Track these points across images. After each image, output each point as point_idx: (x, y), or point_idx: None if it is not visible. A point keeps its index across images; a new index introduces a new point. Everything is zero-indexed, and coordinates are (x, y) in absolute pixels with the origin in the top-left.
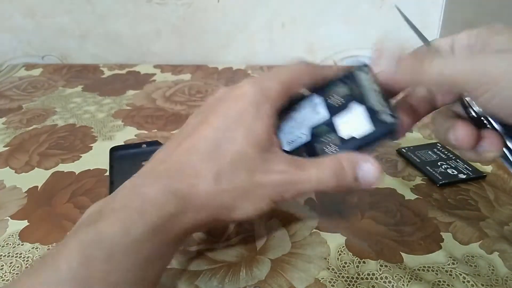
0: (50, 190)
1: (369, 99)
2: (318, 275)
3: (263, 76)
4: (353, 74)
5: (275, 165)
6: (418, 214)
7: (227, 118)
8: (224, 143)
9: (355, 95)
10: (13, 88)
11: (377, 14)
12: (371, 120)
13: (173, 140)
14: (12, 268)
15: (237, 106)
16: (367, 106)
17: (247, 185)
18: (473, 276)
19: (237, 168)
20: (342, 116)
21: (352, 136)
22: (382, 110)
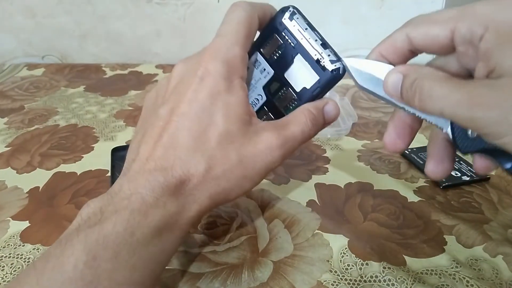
0: (52, 191)
1: (305, 48)
2: (320, 277)
3: (219, 42)
4: (281, 21)
5: (260, 135)
6: (421, 216)
7: (200, 101)
8: (205, 129)
9: (292, 43)
10: (15, 88)
11: (377, 14)
12: (314, 69)
13: (147, 135)
14: (13, 269)
15: (207, 86)
16: (306, 55)
17: (238, 163)
18: (476, 279)
19: (225, 150)
20: (287, 69)
21: (304, 87)
22: (321, 57)
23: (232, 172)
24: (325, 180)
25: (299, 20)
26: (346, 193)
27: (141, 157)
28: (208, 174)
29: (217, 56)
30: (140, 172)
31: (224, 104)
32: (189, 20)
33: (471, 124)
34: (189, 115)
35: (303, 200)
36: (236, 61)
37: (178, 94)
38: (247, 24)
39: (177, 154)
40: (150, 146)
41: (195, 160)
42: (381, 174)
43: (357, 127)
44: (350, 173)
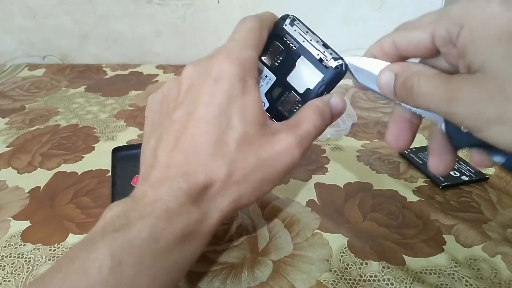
0: (52, 191)
1: (307, 49)
2: (320, 277)
3: (231, 45)
4: (283, 27)
5: (276, 136)
6: (420, 216)
7: (217, 104)
8: (224, 133)
9: (294, 47)
10: (16, 88)
11: (376, 14)
12: (317, 68)
13: (163, 140)
14: (14, 269)
15: (222, 88)
16: (308, 56)
17: (258, 167)
18: (475, 279)
19: (244, 154)
20: (289, 73)
21: (307, 88)
22: (324, 56)
23: (252, 176)
24: (325, 180)
25: (300, 25)
26: (346, 193)
27: (161, 163)
28: (229, 179)
29: (230, 57)
30: (162, 179)
31: (240, 106)
32: (189, 20)
33: (452, 119)
34: (207, 119)
35: (303, 200)
36: (249, 62)
37: (192, 97)
38: (258, 31)
39: (198, 160)
40: (168, 151)
41: (216, 165)
42: (380, 174)
43: (357, 127)
44: (349, 173)
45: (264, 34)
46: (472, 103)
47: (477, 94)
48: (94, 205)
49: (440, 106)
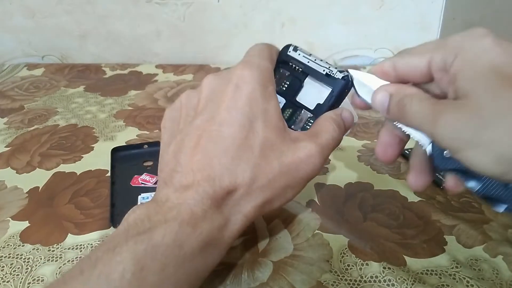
0: (51, 191)
1: (313, 68)
2: (320, 277)
3: (250, 58)
4: (287, 54)
5: (298, 144)
6: (421, 216)
7: (240, 108)
8: (247, 137)
9: (300, 69)
10: (15, 88)
11: (377, 14)
12: (324, 83)
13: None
14: (13, 269)
15: (244, 93)
16: (315, 74)
17: (282, 172)
18: (476, 280)
19: (267, 159)
20: (297, 94)
21: (317, 103)
22: (330, 71)
23: (276, 181)
24: (325, 180)
25: (302, 50)
26: (346, 193)
27: (185, 168)
28: (253, 183)
29: (251, 65)
30: (187, 183)
31: (262, 111)
32: (189, 20)
33: (434, 138)
34: (230, 123)
35: (303, 200)
36: (268, 71)
37: (214, 103)
38: (269, 51)
39: (223, 163)
40: (191, 156)
41: (241, 169)
42: (381, 174)
43: (357, 127)
44: (350, 173)
45: (275, 55)
46: (452, 125)
47: (457, 118)
48: (93, 205)
49: (426, 126)
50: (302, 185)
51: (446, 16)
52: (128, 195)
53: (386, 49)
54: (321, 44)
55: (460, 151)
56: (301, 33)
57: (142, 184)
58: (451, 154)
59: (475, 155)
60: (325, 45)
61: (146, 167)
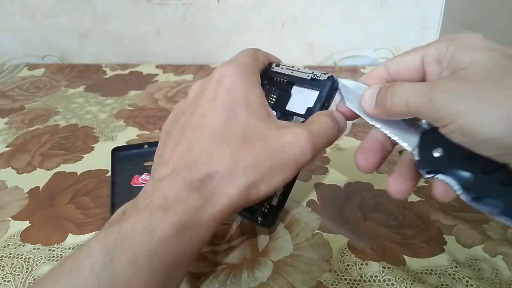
0: (52, 191)
1: (298, 76)
2: (320, 277)
3: (235, 57)
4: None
5: (285, 129)
6: (421, 216)
7: (219, 99)
8: (227, 124)
9: (285, 80)
10: (15, 88)
11: (377, 14)
12: (311, 87)
13: (168, 141)
14: (13, 269)
15: (224, 85)
16: (300, 81)
17: (266, 153)
18: (476, 279)
19: (250, 142)
20: (287, 103)
21: (307, 107)
22: (314, 75)
23: (261, 162)
24: (325, 180)
25: (285, 65)
26: (346, 193)
27: (167, 159)
28: (235, 164)
29: (231, 62)
30: (165, 173)
31: (243, 100)
32: (189, 20)
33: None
34: (209, 113)
35: (303, 200)
36: (249, 65)
37: (196, 101)
38: (253, 52)
39: (201, 148)
40: (173, 150)
41: (219, 151)
42: (381, 174)
43: (357, 127)
44: (350, 173)
45: (261, 56)
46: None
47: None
48: (93, 205)
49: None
50: (291, 170)
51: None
52: (128, 195)
53: (386, 49)
54: (321, 44)
55: (462, 114)
56: (301, 33)
57: (142, 184)
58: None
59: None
60: (325, 45)
61: (147, 167)
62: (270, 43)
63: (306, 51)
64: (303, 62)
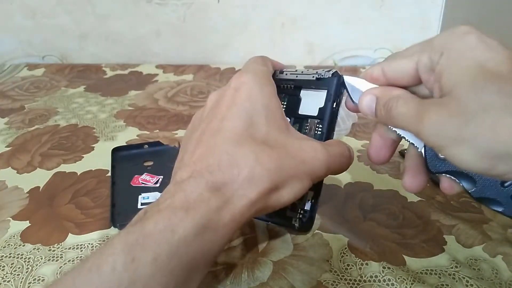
0: (52, 191)
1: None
2: (320, 277)
3: (249, 66)
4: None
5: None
6: (420, 216)
7: (239, 104)
8: (248, 128)
9: (292, 86)
10: (15, 88)
11: (377, 14)
12: (318, 87)
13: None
14: (14, 269)
15: (243, 92)
16: (306, 84)
17: (288, 161)
18: (476, 279)
19: (272, 147)
20: (298, 108)
21: (319, 107)
22: (319, 75)
23: (284, 167)
24: (325, 180)
25: (288, 70)
26: (346, 193)
27: (187, 162)
28: (259, 166)
29: (247, 71)
30: (187, 175)
31: (263, 107)
32: (189, 20)
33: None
34: (229, 117)
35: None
36: (265, 74)
37: (215, 109)
38: (262, 60)
39: (223, 150)
40: (193, 151)
41: (243, 153)
42: (381, 174)
43: (357, 127)
44: (350, 173)
45: (269, 63)
46: (436, 123)
47: (441, 115)
48: (93, 205)
49: (412, 126)
50: (307, 181)
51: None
52: (128, 195)
53: (386, 49)
54: (321, 44)
55: (445, 148)
56: (301, 33)
57: (142, 184)
58: (437, 152)
59: (459, 152)
60: (325, 45)
61: (147, 167)
62: (270, 43)
63: (306, 51)
64: (303, 62)
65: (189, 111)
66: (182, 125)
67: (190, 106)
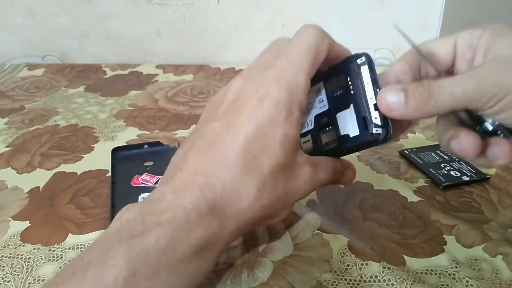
0: (52, 191)
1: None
2: (320, 277)
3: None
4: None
5: (301, 170)
6: (421, 216)
7: (260, 125)
8: (261, 154)
9: (353, 89)
10: (15, 88)
11: (377, 14)
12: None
13: (197, 145)
14: (13, 269)
15: (267, 110)
16: (357, 108)
17: (284, 195)
18: (476, 279)
19: (275, 180)
20: (340, 110)
21: (347, 133)
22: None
23: (277, 202)
24: None
25: (366, 72)
26: (346, 193)
27: (190, 167)
28: (257, 201)
29: (282, 82)
30: (187, 184)
31: (282, 135)
32: (189, 20)
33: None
34: (246, 136)
35: (303, 200)
36: (300, 92)
37: (235, 110)
38: (316, 52)
39: (230, 174)
40: (199, 157)
41: (247, 184)
42: (381, 174)
43: None
44: None
45: (322, 55)
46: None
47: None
48: (93, 205)
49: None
50: (292, 207)
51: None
52: (128, 195)
53: (386, 49)
54: None
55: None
56: None
57: (142, 184)
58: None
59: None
60: None
61: (147, 167)
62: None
63: None
64: None
65: (189, 111)
66: (182, 125)
67: (190, 106)
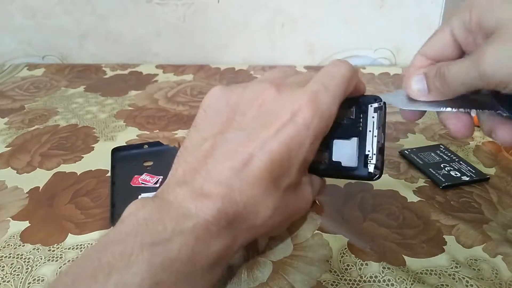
0: (52, 191)
1: (368, 137)
2: (320, 277)
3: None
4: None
5: (305, 189)
6: (420, 216)
7: (286, 144)
8: (282, 176)
9: (359, 124)
10: (15, 88)
11: (377, 14)
12: (359, 158)
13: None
14: (13, 269)
15: (297, 131)
16: (361, 144)
17: (289, 215)
18: (476, 280)
19: (287, 200)
20: (339, 139)
21: (340, 161)
22: (372, 157)
23: (283, 222)
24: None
25: (380, 117)
26: (346, 193)
27: (212, 176)
28: (270, 219)
29: (318, 109)
30: (209, 193)
31: (304, 159)
32: (189, 20)
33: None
34: (273, 155)
35: None
36: (329, 121)
37: (264, 123)
38: (348, 85)
39: (253, 192)
40: (222, 167)
41: (266, 203)
42: None
43: None
44: None
45: (351, 89)
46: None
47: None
48: (93, 205)
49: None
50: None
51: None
52: (128, 195)
53: (386, 49)
54: (321, 44)
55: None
56: (301, 33)
57: (142, 184)
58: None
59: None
60: (325, 45)
61: (146, 167)
62: (270, 43)
63: (306, 51)
64: (303, 62)
65: (189, 111)
66: (182, 125)
67: (190, 106)
